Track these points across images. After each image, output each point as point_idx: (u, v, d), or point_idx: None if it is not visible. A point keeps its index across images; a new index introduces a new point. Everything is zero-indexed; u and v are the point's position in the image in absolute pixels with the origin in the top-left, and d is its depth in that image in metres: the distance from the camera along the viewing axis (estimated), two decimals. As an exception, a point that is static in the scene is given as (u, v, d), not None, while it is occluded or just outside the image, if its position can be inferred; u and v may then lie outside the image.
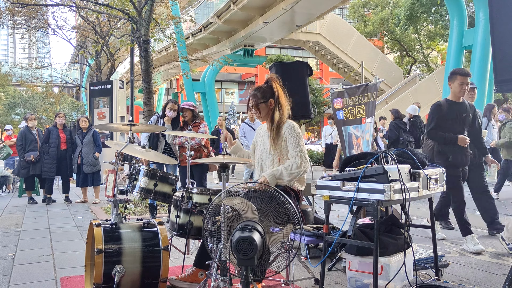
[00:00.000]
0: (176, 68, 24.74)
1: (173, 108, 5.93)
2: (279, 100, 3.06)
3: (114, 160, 3.25)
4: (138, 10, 8.07)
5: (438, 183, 3.08)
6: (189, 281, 3.24)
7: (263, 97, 3.06)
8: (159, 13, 13.93)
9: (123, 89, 12.28)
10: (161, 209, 6.68)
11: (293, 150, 2.96)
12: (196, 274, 3.27)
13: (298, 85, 5.02)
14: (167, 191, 3.65)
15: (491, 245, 4.60)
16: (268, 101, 3.05)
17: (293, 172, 2.91)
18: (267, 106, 3.06)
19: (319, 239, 3.94)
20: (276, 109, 3.05)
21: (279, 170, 2.92)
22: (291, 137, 2.97)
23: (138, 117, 25.88)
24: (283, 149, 3.02)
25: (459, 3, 11.44)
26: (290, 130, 2.99)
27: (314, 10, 17.12)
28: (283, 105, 3.07)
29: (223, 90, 43.70)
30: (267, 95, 3.06)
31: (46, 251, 4.54)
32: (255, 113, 3.10)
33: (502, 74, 2.47)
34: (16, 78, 24.93)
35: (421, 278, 3.05)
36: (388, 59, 24.37)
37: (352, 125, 6.19)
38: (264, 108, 3.06)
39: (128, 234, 2.89)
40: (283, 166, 2.93)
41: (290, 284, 3.21)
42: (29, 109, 25.57)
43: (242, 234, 2.30)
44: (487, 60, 10.28)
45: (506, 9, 2.45)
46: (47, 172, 8.20)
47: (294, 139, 2.97)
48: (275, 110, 3.05)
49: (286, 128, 3.00)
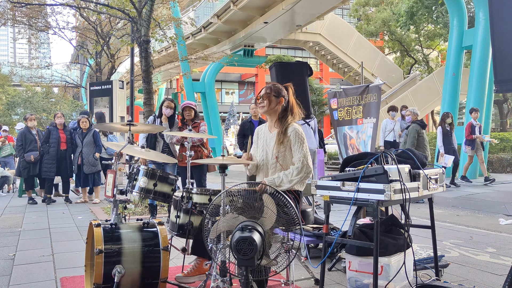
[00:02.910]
0: (176, 68, 24.72)
1: (170, 106, 5.91)
2: (293, 108, 3.10)
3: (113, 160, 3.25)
4: (138, 10, 8.07)
5: (438, 183, 3.07)
6: (196, 274, 3.25)
7: (276, 91, 3.07)
8: (160, 14, 13.94)
9: (123, 89, 12.28)
10: (161, 209, 6.68)
11: (297, 155, 2.95)
12: (201, 265, 3.28)
13: (298, 85, 5.02)
14: (167, 191, 3.65)
15: (491, 245, 4.61)
16: (279, 98, 3.07)
17: (293, 179, 2.91)
18: (276, 102, 3.06)
19: (319, 239, 3.93)
20: (290, 114, 3.07)
21: (280, 178, 2.92)
22: (296, 141, 2.96)
23: (138, 117, 25.88)
24: (286, 152, 3.01)
25: (459, 3, 11.43)
26: (295, 134, 2.98)
27: (314, 10, 17.10)
28: (296, 114, 3.11)
29: (223, 90, 43.69)
30: (281, 93, 3.08)
31: (46, 251, 4.53)
32: (261, 102, 3.08)
33: (502, 74, 2.47)
34: (16, 78, 24.94)
35: (421, 278, 3.05)
36: (388, 59, 24.35)
37: (347, 125, 6.19)
38: (273, 101, 3.06)
39: (128, 234, 2.89)
40: (284, 173, 2.93)
41: (290, 284, 3.21)
42: (29, 109, 25.58)
43: (242, 234, 2.30)
44: (487, 60, 10.26)
45: (506, 9, 2.45)
46: (47, 172, 8.19)
47: (298, 144, 2.96)
48: (289, 114, 3.07)
49: (291, 131, 2.99)
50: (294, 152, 2.96)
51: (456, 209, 7.26)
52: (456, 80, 11.36)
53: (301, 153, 2.94)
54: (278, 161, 3.00)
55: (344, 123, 6.24)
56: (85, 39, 16.77)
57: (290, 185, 2.91)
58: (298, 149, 2.95)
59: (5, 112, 27.49)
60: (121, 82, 12.36)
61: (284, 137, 3.00)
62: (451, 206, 7.43)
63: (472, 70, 10.90)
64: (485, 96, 10.83)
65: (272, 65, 6.03)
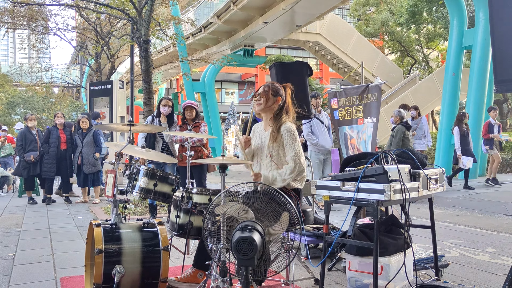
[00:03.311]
0: (176, 68, 24.70)
1: (167, 104, 5.91)
2: (288, 108, 3.14)
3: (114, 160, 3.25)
4: (138, 10, 8.07)
5: (438, 183, 3.07)
6: (188, 282, 3.24)
7: (274, 90, 3.12)
8: (160, 14, 13.92)
9: (123, 89, 12.28)
10: (161, 209, 6.68)
11: (290, 154, 3.00)
12: (195, 275, 3.27)
13: (298, 85, 5.02)
14: (167, 191, 3.64)
15: (491, 245, 4.61)
16: (277, 97, 3.11)
17: (286, 178, 2.97)
18: (273, 100, 3.10)
19: (319, 239, 3.94)
20: (285, 113, 3.11)
21: (274, 176, 3.00)
22: (288, 139, 3.01)
23: (138, 117, 25.86)
24: (280, 150, 3.05)
25: (459, 3, 11.43)
26: (287, 132, 3.02)
27: (314, 10, 17.10)
28: (291, 112, 3.16)
29: (223, 90, 43.68)
30: (279, 92, 3.12)
31: (46, 251, 4.53)
32: (258, 100, 3.11)
33: (502, 74, 2.47)
34: (17, 78, 24.92)
35: (421, 278, 3.05)
36: (388, 59, 24.33)
37: (348, 125, 6.19)
38: (271, 99, 3.10)
39: (128, 234, 2.89)
40: (278, 172, 3.00)
41: (290, 284, 3.21)
42: (29, 109, 25.56)
43: (242, 234, 2.30)
44: (487, 60, 10.26)
45: (506, 9, 2.45)
46: (47, 172, 8.19)
47: (291, 142, 3.00)
48: (284, 113, 3.11)
49: (284, 129, 3.04)
50: (287, 150, 3.01)
51: (456, 209, 7.25)
52: (456, 80, 11.36)
53: (293, 151, 2.99)
54: (273, 159, 3.04)
55: (344, 123, 6.24)
56: (85, 39, 16.76)
57: (283, 183, 2.98)
58: (291, 147, 2.99)
59: (5, 112, 27.46)
60: (121, 82, 12.36)
61: (277, 135, 3.05)
62: (451, 206, 7.43)
63: (472, 70, 10.89)
64: (485, 96, 10.82)
65: (272, 65, 6.02)
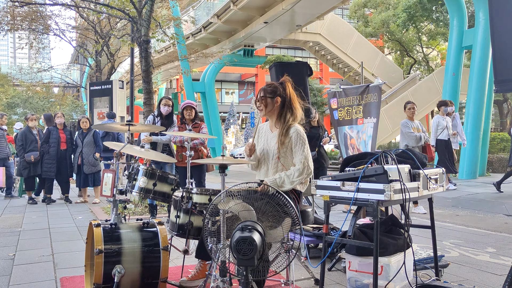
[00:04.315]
0: (176, 68, 24.71)
1: (167, 104, 5.90)
2: (291, 103, 3.05)
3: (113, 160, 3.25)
4: (138, 10, 8.07)
5: (438, 183, 3.07)
6: (201, 277, 3.24)
7: (271, 92, 3.03)
8: (160, 14, 13.92)
9: (123, 89, 12.28)
10: (161, 209, 6.68)
11: (298, 156, 2.94)
12: (204, 268, 3.27)
13: (298, 85, 5.04)
14: (167, 191, 3.64)
15: (491, 245, 4.61)
16: (275, 98, 3.03)
17: (295, 180, 2.91)
18: (273, 102, 3.03)
19: (319, 239, 3.93)
20: (289, 111, 3.03)
21: (282, 178, 2.91)
22: (297, 142, 2.95)
23: (138, 117, 25.86)
24: (287, 153, 3.01)
25: (459, 3, 11.43)
26: (297, 135, 2.96)
27: (314, 10, 17.11)
28: (296, 108, 3.06)
29: (223, 90, 43.70)
30: (276, 92, 3.03)
31: (46, 251, 4.53)
32: (259, 106, 3.08)
33: (502, 74, 2.47)
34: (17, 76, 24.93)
35: (421, 278, 3.05)
36: (388, 59, 24.34)
37: (348, 125, 6.19)
38: (270, 103, 3.03)
39: (127, 234, 2.89)
40: (286, 174, 2.92)
41: (290, 284, 3.21)
42: (29, 109, 25.57)
43: (242, 234, 2.30)
44: (487, 60, 10.25)
45: (506, 9, 2.45)
46: (47, 172, 8.19)
47: (300, 145, 2.95)
48: (287, 112, 3.03)
49: (293, 132, 2.98)
50: (295, 153, 2.96)
51: (456, 209, 7.25)
52: (456, 80, 11.36)
53: (302, 154, 2.94)
54: (280, 161, 3.00)
55: (344, 123, 6.24)
56: (85, 39, 16.75)
57: (291, 186, 2.92)
58: (300, 150, 2.95)
59: (4, 112, 27.47)
60: (121, 82, 12.36)
61: (285, 138, 2.99)
62: (451, 206, 7.42)
63: (472, 70, 10.89)
64: (485, 96, 10.82)
65: (272, 65, 6.03)
